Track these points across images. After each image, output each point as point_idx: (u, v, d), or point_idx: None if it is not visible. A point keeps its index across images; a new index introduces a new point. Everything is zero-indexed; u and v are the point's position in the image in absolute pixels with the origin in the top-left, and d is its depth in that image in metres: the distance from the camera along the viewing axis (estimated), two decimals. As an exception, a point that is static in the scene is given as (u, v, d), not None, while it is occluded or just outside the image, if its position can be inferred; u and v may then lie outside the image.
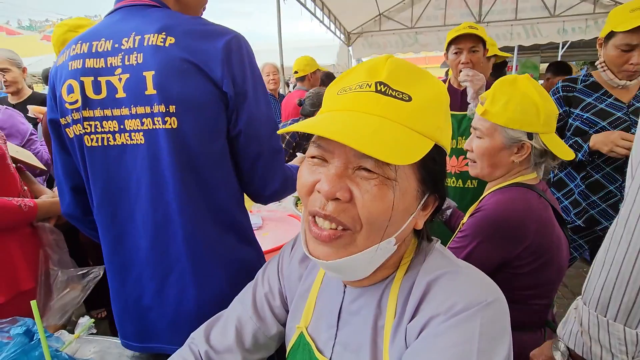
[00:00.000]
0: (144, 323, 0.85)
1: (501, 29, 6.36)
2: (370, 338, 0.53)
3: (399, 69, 0.48)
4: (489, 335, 0.44)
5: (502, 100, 0.96)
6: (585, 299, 0.61)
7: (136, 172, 0.77)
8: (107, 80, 0.74)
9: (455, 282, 0.49)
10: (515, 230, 0.91)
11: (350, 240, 0.48)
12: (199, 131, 0.75)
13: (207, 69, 0.72)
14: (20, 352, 0.64)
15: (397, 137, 0.45)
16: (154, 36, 0.71)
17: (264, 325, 0.67)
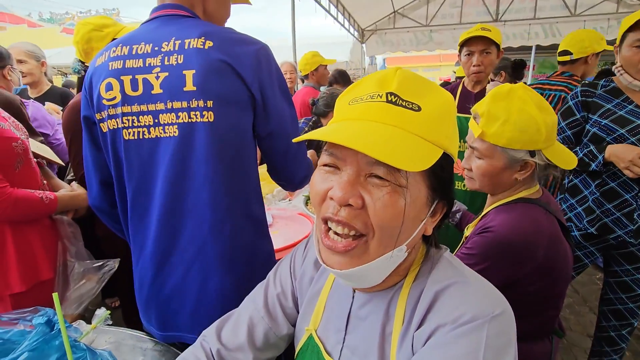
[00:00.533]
0: (167, 311, 0.90)
1: (518, 28, 6.23)
2: (378, 344, 0.54)
3: (409, 80, 0.50)
4: (494, 347, 0.45)
5: (500, 119, 0.90)
6: None
7: (168, 163, 0.83)
8: (144, 77, 0.81)
9: (463, 293, 0.50)
10: (524, 252, 0.88)
11: (364, 249, 0.49)
12: (231, 126, 0.83)
13: (240, 70, 0.81)
14: (42, 340, 0.67)
15: (408, 145, 0.46)
16: (194, 40, 0.80)
17: (276, 326, 0.69)
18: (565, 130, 1.64)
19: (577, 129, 1.62)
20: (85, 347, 0.70)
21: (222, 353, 0.65)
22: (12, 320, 0.74)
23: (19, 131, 1.26)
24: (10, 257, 1.19)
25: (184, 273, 0.87)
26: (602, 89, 1.54)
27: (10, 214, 1.14)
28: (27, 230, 1.22)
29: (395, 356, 0.52)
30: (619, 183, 1.48)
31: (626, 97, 1.47)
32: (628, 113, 1.45)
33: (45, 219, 1.30)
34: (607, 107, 1.50)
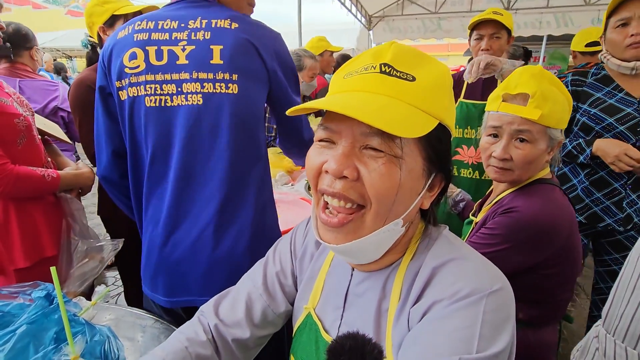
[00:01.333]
0: (176, 275, 0.93)
1: (530, 16, 6.07)
2: (374, 320, 0.54)
3: (403, 52, 0.50)
4: (492, 322, 0.44)
5: (550, 99, 0.88)
6: (608, 327, 0.57)
7: (189, 130, 0.88)
8: (169, 49, 0.87)
9: (461, 269, 0.49)
10: (548, 236, 0.88)
11: (360, 223, 0.49)
12: (251, 101, 0.92)
13: (262, 51, 0.90)
14: (41, 314, 0.67)
15: (402, 113, 0.46)
16: (222, 21, 0.88)
17: (274, 303, 0.68)
18: None
19: None
20: (84, 322, 0.70)
21: (220, 328, 0.65)
22: (11, 293, 0.75)
23: (22, 107, 1.25)
24: (14, 232, 1.20)
25: (196, 238, 0.91)
26: (593, 77, 1.51)
27: (11, 190, 1.14)
28: (30, 207, 1.23)
29: (391, 332, 0.52)
30: (608, 172, 1.46)
31: (616, 85, 1.44)
32: (618, 101, 1.42)
33: (49, 197, 1.30)
34: (597, 95, 1.47)
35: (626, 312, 0.53)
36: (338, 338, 0.39)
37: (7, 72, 1.95)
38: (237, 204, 0.93)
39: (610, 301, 0.57)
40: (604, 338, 0.56)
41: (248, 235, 0.93)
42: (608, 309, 0.57)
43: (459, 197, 1.30)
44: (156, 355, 0.59)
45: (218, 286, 0.85)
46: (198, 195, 0.91)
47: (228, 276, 0.90)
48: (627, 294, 0.53)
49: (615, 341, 0.54)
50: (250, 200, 0.94)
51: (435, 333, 0.45)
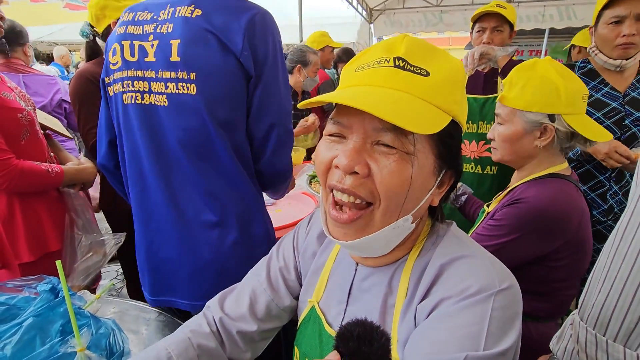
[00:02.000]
0: (161, 275, 0.92)
1: (533, 9, 6.01)
2: (379, 314, 0.54)
3: (417, 45, 0.49)
4: (499, 320, 0.44)
5: (519, 84, 0.94)
6: (582, 315, 0.58)
7: (160, 131, 0.84)
8: (140, 44, 0.82)
9: (469, 267, 0.49)
10: (558, 225, 0.88)
11: (369, 219, 0.49)
12: (216, 99, 0.80)
13: (227, 40, 0.77)
14: (47, 307, 0.68)
15: (416, 109, 0.45)
16: (184, 8, 0.79)
17: (278, 297, 0.69)
18: None
19: None
20: (89, 315, 0.71)
21: (225, 322, 0.66)
22: (17, 287, 0.75)
23: (25, 102, 1.25)
24: (19, 227, 1.21)
25: (180, 239, 0.88)
26: (579, 70, 1.50)
27: (16, 185, 1.14)
28: (35, 201, 1.24)
29: (397, 327, 0.52)
30: (593, 165, 1.47)
31: (602, 79, 1.44)
32: (604, 96, 1.42)
33: (53, 191, 1.31)
34: None
35: (597, 301, 0.54)
36: (347, 324, 0.39)
37: (5, 68, 1.97)
38: (217, 208, 0.87)
39: (585, 291, 0.58)
40: (578, 325, 0.58)
41: (233, 237, 0.89)
42: (583, 298, 0.59)
43: (459, 190, 1.30)
44: (160, 345, 0.60)
45: (203, 289, 0.85)
46: (178, 197, 0.87)
47: (214, 280, 0.88)
48: (599, 284, 0.54)
49: (587, 328, 0.55)
50: (232, 204, 0.88)
51: (442, 329, 0.45)
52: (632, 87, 1.40)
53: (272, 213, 1.55)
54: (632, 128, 1.39)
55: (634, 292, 0.49)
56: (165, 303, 0.94)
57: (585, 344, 0.56)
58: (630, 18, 1.27)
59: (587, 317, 0.56)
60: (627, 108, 1.39)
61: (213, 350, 0.63)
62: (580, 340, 0.57)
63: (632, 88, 1.40)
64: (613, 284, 0.52)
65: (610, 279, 0.52)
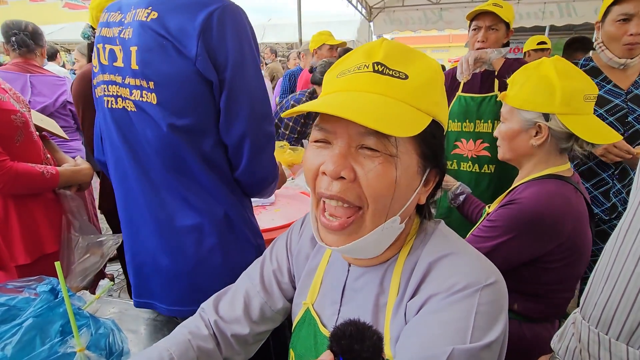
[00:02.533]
0: (141, 278, 0.92)
1: (533, 6, 5.99)
2: (372, 314, 0.55)
3: (395, 49, 0.50)
4: (486, 314, 0.45)
5: (519, 82, 0.96)
6: (584, 313, 0.58)
7: (133, 136, 0.82)
8: (110, 48, 0.80)
9: (456, 264, 0.50)
10: (552, 228, 0.88)
11: (360, 223, 0.50)
12: (178, 108, 0.76)
13: (181, 46, 0.72)
14: (46, 307, 0.69)
15: (396, 112, 0.46)
16: (142, 11, 0.75)
17: (271, 300, 0.70)
18: None
19: None
20: (88, 315, 0.72)
21: (220, 324, 0.67)
22: (17, 288, 0.76)
23: (19, 103, 1.24)
24: (14, 229, 1.21)
25: (158, 244, 0.87)
26: (582, 68, 1.49)
27: (11, 187, 1.14)
28: (30, 203, 1.24)
29: (389, 325, 0.53)
30: (596, 163, 1.47)
31: (605, 77, 1.44)
32: (607, 93, 1.42)
33: (49, 193, 1.30)
34: None
35: (600, 300, 0.54)
36: (340, 325, 0.40)
37: (19, 68, 2.01)
38: (192, 214, 0.84)
39: (587, 290, 0.58)
40: (580, 324, 0.58)
41: (209, 244, 0.86)
42: (585, 297, 0.59)
43: (458, 190, 1.30)
44: (161, 346, 0.61)
45: (180, 295, 0.84)
46: (155, 202, 0.85)
47: (189, 287, 0.86)
48: (602, 283, 0.54)
49: (590, 327, 0.55)
50: (206, 211, 0.85)
51: (431, 325, 0.46)
52: (635, 84, 1.40)
53: (271, 213, 1.57)
54: (636, 125, 1.38)
55: (637, 291, 0.49)
56: (146, 305, 0.93)
57: (588, 343, 0.56)
58: (638, 17, 1.26)
59: (589, 316, 0.56)
60: (630, 105, 1.39)
61: (211, 352, 0.64)
62: (582, 339, 0.57)
63: (635, 85, 1.40)
64: (616, 283, 0.52)
65: (612, 278, 0.53)
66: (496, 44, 1.64)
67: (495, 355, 0.46)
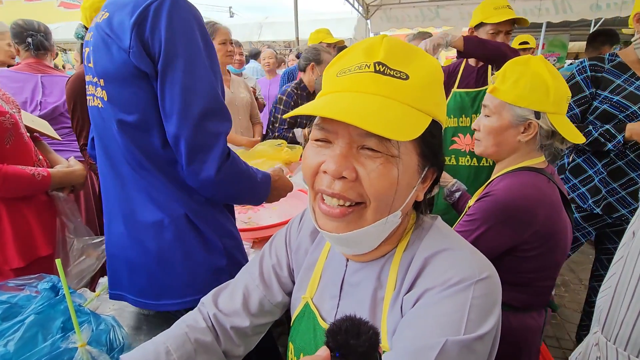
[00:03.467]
0: (113, 270, 0.94)
1: (529, 3, 5.99)
2: (369, 307, 0.56)
3: (395, 48, 0.50)
4: (479, 307, 0.47)
5: (512, 78, 0.96)
6: (607, 334, 0.55)
7: (103, 131, 0.87)
8: (88, 50, 0.84)
9: (451, 259, 0.52)
10: (525, 216, 0.90)
11: (360, 215, 0.50)
12: (125, 104, 0.79)
13: (118, 40, 0.74)
14: (47, 305, 0.70)
15: (398, 114, 0.46)
16: (101, 13, 0.79)
17: (270, 294, 0.71)
18: (572, 107, 1.60)
19: (584, 107, 1.58)
20: (89, 312, 0.73)
21: (219, 317, 0.68)
22: (18, 286, 0.77)
23: (8, 105, 1.22)
24: (6, 232, 1.18)
25: (125, 236, 0.88)
26: (610, 63, 1.50)
27: (1, 190, 1.12)
28: (22, 206, 1.21)
29: (386, 319, 0.54)
30: (626, 162, 1.47)
31: (633, 73, 1.44)
32: (637, 89, 1.42)
33: (42, 195, 1.28)
34: (617, 82, 1.46)
35: (627, 319, 0.51)
36: (336, 320, 0.40)
37: (31, 68, 2.00)
38: (153, 208, 0.85)
39: (608, 307, 0.55)
40: (605, 346, 0.55)
41: (168, 241, 0.85)
42: (607, 315, 0.55)
43: (454, 187, 1.31)
44: (158, 340, 0.62)
45: (142, 287, 0.87)
46: (123, 195, 0.87)
47: (148, 280, 0.87)
48: (627, 300, 0.51)
49: (617, 349, 0.53)
50: (163, 206, 0.85)
51: (426, 317, 0.48)
52: None
53: (268, 210, 1.58)
54: None
55: None
56: (118, 297, 0.93)
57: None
58: None
59: (614, 337, 0.53)
60: None
61: (209, 345, 0.65)
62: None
63: None
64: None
65: (638, 296, 0.50)
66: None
67: (487, 346, 0.47)
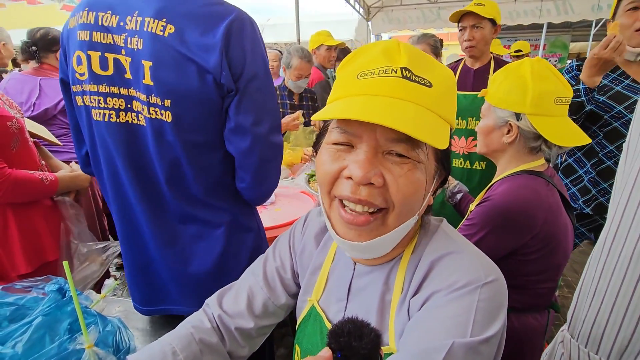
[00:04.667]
0: (152, 287, 0.92)
1: (530, 4, 6.00)
2: (377, 310, 0.57)
3: (416, 55, 0.50)
4: (485, 310, 0.47)
5: (497, 81, 1.00)
6: (572, 331, 0.56)
7: (138, 150, 0.80)
8: (114, 57, 0.74)
9: (458, 262, 0.52)
10: (524, 220, 0.91)
11: (383, 220, 0.50)
12: (193, 125, 0.76)
13: (204, 62, 0.71)
14: (55, 306, 0.70)
15: (428, 120, 0.46)
16: (153, 22, 0.70)
17: (274, 296, 0.72)
18: None
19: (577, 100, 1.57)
20: (95, 313, 0.74)
21: (224, 318, 0.69)
22: (25, 288, 0.78)
23: (13, 110, 1.22)
24: (14, 239, 1.19)
25: (164, 253, 0.88)
26: None
27: (11, 195, 1.12)
28: (29, 211, 1.22)
29: (393, 321, 0.55)
30: (614, 162, 1.47)
31: (622, 72, 1.45)
32: (625, 88, 1.42)
33: (47, 200, 1.28)
34: (604, 82, 1.47)
35: (587, 318, 0.52)
36: (339, 322, 0.41)
37: (34, 71, 2.03)
38: (195, 229, 0.86)
39: (574, 305, 0.56)
40: (569, 343, 0.56)
41: (217, 252, 0.87)
42: (572, 313, 0.56)
43: (456, 188, 1.32)
44: (164, 341, 0.63)
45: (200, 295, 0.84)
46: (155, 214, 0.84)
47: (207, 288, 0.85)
48: (589, 299, 0.52)
49: (579, 346, 0.54)
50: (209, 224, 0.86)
51: (432, 319, 0.48)
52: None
53: (271, 212, 1.59)
54: None
55: (625, 308, 0.47)
56: (158, 312, 0.94)
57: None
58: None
59: (577, 334, 0.54)
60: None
61: (214, 345, 0.66)
62: (572, 359, 0.55)
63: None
64: (603, 299, 0.50)
65: (600, 293, 0.50)
66: (483, 41, 1.70)
67: (493, 349, 0.47)
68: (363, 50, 0.52)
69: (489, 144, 1.05)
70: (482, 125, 1.06)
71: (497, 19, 1.69)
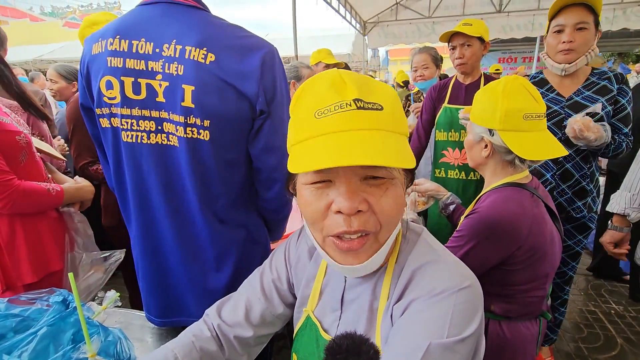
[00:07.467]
0: (170, 300, 0.95)
1: (523, 19, 6.16)
2: (367, 318, 0.60)
3: (360, 82, 0.51)
4: (461, 313, 0.51)
5: (477, 98, 1.06)
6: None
7: (170, 170, 0.85)
8: (147, 82, 0.79)
9: (436, 270, 0.56)
10: (509, 232, 0.94)
11: (375, 238, 0.53)
12: (227, 143, 0.83)
13: (243, 88, 0.78)
14: (59, 317, 0.73)
15: (392, 142, 0.49)
16: (195, 50, 0.76)
17: (272, 306, 0.74)
18: None
19: None
20: (97, 324, 0.76)
21: (223, 328, 0.71)
22: (30, 299, 0.80)
23: (21, 126, 1.27)
24: (21, 248, 1.21)
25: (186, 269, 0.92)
26: (532, 79, 1.66)
27: (19, 206, 1.16)
28: (36, 222, 1.25)
29: (380, 327, 0.58)
30: (573, 164, 1.58)
31: (550, 87, 1.59)
32: (549, 100, 1.57)
33: (53, 211, 1.31)
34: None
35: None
36: (336, 338, 0.41)
37: None
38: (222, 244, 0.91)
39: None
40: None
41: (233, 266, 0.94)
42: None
43: (449, 200, 1.35)
44: (167, 348, 0.65)
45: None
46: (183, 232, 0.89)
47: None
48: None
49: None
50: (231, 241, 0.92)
51: (412, 323, 0.52)
52: (577, 92, 1.54)
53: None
54: None
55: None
56: (175, 323, 0.97)
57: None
58: (569, 26, 1.45)
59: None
60: (567, 111, 1.53)
61: (214, 353, 0.68)
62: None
63: (577, 93, 1.54)
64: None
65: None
66: (473, 57, 1.77)
67: (469, 349, 0.50)
68: (309, 87, 0.54)
69: (472, 158, 1.11)
70: (466, 140, 1.12)
71: (485, 37, 1.77)
